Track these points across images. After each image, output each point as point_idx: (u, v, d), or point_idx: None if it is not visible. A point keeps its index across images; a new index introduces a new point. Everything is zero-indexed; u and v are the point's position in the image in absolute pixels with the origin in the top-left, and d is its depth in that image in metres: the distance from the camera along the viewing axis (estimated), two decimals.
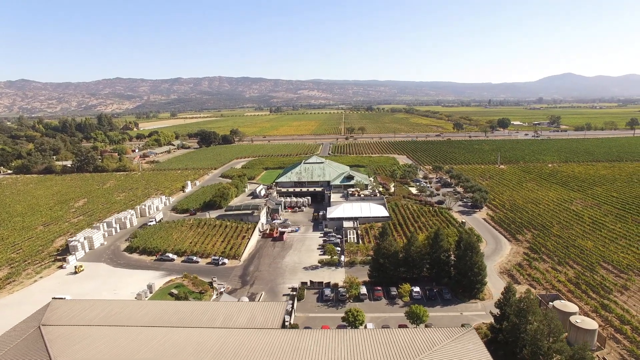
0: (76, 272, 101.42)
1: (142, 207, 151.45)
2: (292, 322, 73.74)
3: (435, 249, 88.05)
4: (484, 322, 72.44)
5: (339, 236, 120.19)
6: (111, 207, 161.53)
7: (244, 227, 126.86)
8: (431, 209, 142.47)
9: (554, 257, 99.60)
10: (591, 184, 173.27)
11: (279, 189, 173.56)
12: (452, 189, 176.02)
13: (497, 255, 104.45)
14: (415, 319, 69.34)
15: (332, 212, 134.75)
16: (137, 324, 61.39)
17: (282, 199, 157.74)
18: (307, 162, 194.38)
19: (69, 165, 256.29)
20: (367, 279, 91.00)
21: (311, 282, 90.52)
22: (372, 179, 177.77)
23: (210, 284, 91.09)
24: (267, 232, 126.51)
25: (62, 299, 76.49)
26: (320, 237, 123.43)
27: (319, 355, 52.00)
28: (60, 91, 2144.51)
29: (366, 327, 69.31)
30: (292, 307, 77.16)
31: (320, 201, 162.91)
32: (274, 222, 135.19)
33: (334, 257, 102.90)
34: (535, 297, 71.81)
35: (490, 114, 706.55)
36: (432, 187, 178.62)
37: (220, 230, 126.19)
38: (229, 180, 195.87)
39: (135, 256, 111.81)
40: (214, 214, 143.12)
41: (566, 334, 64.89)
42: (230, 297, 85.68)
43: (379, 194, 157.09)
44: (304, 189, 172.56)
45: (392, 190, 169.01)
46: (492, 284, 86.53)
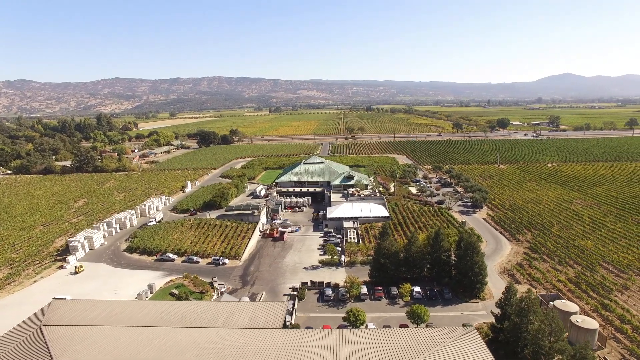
0: (76, 272, 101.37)
1: (142, 207, 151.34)
2: (293, 322, 73.76)
3: (435, 249, 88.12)
4: (484, 322, 72.58)
5: (339, 236, 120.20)
6: (111, 207, 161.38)
7: (244, 227, 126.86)
8: (431, 208, 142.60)
9: (554, 257, 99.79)
10: (591, 184, 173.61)
11: (279, 189, 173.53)
12: (452, 189, 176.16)
13: (497, 255, 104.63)
14: (416, 318, 69.35)
15: (332, 212, 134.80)
16: (138, 324, 61.40)
17: (282, 199, 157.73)
18: (307, 162, 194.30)
19: (69, 165, 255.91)
20: (368, 278, 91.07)
21: (312, 282, 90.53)
22: (372, 179, 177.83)
23: (210, 284, 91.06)
24: (268, 232, 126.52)
25: (62, 299, 76.34)
26: (320, 237, 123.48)
27: (321, 355, 52.02)
28: (59, 91, 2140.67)
29: (367, 327, 69.34)
30: (293, 307, 77.16)
31: (320, 201, 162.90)
32: (274, 222, 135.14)
33: (335, 257, 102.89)
34: (536, 296, 72.00)
35: (489, 114, 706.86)
36: (432, 187, 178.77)
37: (220, 230, 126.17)
38: (229, 180, 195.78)
39: (135, 256, 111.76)
40: (214, 214, 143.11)
41: (567, 334, 64.98)
42: (231, 297, 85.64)
43: (379, 194, 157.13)
44: (304, 189, 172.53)
45: (392, 190, 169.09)
46: (493, 283, 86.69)
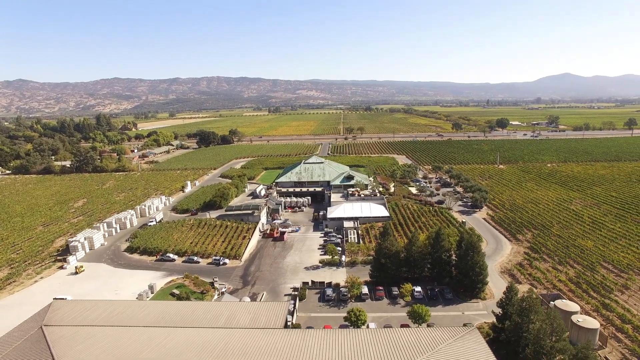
0: (77, 273, 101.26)
1: (142, 207, 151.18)
2: (294, 322, 73.79)
3: (436, 249, 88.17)
4: (485, 322, 72.67)
5: (340, 236, 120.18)
6: (111, 207, 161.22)
7: (244, 227, 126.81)
8: (431, 208, 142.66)
9: (554, 257, 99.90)
10: (590, 184, 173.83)
11: (279, 189, 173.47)
12: (451, 189, 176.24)
13: (497, 255, 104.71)
14: (417, 318, 69.39)
15: (333, 212, 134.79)
16: (139, 324, 61.29)
17: (282, 199, 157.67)
18: (307, 162, 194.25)
19: (68, 165, 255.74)
20: (369, 278, 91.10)
21: (312, 282, 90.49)
22: (372, 179, 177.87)
23: (211, 284, 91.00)
24: (268, 232, 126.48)
25: (63, 299, 76.21)
26: (320, 237, 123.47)
27: (322, 355, 51.98)
28: (58, 91, 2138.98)
29: (368, 327, 69.38)
30: (294, 307, 77.17)
31: (320, 201, 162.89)
32: (274, 222, 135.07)
33: (335, 257, 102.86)
34: (537, 296, 72.01)
35: (488, 114, 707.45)
36: (432, 187, 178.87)
37: (220, 230, 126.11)
38: (229, 180, 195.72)
39: (135, 256, 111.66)
40: (214, 214, 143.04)
41: (568, 333, 65.00)
42: (231, 297, 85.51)
43: (379, 194, 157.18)
44: (304, 189, 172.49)
45: (392, 190, 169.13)
46: (493, 283, 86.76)
